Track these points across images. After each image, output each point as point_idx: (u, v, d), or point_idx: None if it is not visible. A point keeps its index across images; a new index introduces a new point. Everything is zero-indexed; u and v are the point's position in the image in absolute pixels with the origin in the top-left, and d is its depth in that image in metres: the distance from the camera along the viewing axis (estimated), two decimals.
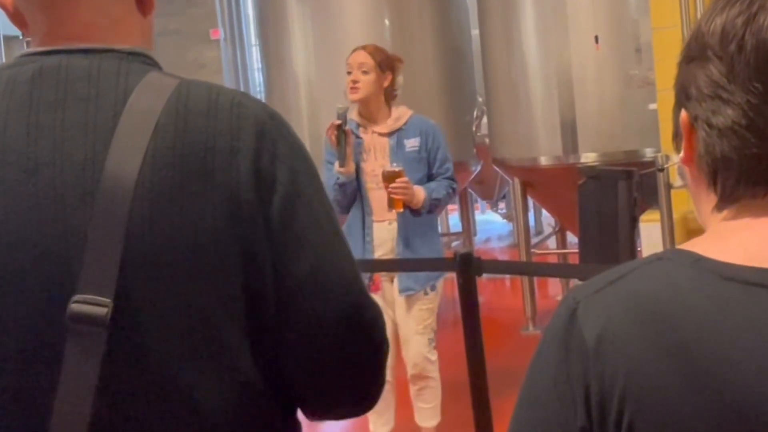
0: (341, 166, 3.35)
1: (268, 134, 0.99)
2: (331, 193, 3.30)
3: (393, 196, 3.34)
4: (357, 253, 3.28)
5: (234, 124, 0.98)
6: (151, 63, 1.04)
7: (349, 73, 3.43)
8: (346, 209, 3.44)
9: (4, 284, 0.94)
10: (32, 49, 1.03)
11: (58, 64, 1.00)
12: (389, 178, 3.34)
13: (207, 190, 0.95)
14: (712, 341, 0.68)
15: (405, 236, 3.44)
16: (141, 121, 0.95)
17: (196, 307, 0.95)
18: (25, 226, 0.94)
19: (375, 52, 3.48)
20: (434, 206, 3.49)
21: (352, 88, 3.40)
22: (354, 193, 3.44)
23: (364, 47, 3.51)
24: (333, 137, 3.34)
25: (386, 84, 3.46)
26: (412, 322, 3.47)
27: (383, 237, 3.43)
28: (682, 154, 0.79)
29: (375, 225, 3.43)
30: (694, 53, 0.77)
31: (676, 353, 0.68)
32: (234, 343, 0.97)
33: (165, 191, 0.94)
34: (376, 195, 3.43)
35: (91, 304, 0.91)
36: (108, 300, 0.91)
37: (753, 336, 0.67)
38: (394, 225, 3.43)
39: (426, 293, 3.48)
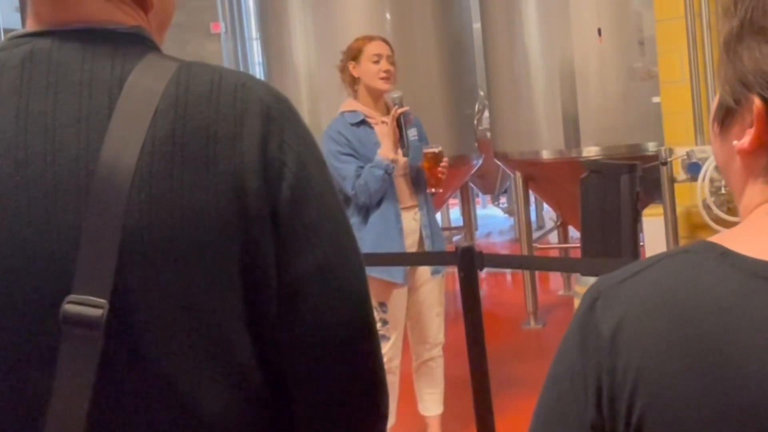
0: (405, 155, 3.36)
1: (275, 119, 0.92)
2: (374, 184, 3.26)
3: (441, 176, 3.39)
4: (396, 246, 3.28)
5: (237, 108, 0.90)
6: (149, 45, 0.97)
7: (376, 62, 3.41)
8: (378, 203, 3.39)
9: None
10: (23, 31, 0.95)
11: (50, 46, 0.92)
12: (433, 159, 3.40)
13: (209, 180, 0.88)
14: (729, 338, 0.65)
15: (432, 225, 3.47)
16: (139, 107, 0.88)
17: (197, 306, 0.89)
18: (16, 221, 0.87)
19: None
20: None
21: (385, 78, 3.41)
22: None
23: (381, 38, 3.53)
24: (395, 126, 3.33)
25: None
26: (435, 303, 3.52)
27: (411, 227, 3.42)
28: (744, 140, 0.72)
29: (403, 213, 3.42)
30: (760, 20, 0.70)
31: (691, 348, 0.65)
32: (236, 342, 0.91)
33: (164, 183, 0.87)
34: (400, 182, 3.43)
35: (85, 305, 0.85)
36: (103, 300, 0.85)
37: None
38: (419, 214, 3.44)
39: (442, 276, 3.56)
